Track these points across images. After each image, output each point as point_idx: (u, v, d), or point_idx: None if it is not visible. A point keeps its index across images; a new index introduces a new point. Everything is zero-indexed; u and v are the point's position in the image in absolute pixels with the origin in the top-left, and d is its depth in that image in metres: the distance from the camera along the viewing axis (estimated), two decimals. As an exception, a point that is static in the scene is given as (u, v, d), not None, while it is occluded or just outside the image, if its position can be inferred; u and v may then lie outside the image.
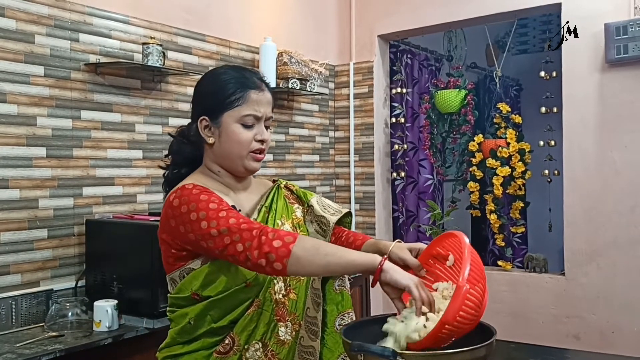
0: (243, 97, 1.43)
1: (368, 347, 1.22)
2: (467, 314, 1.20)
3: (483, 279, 1.27)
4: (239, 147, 1.44)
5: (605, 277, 3.15)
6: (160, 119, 2.90)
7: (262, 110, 1.45)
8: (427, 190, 4.27)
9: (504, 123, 3.55)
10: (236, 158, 1.45)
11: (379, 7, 3.94)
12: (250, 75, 1.48)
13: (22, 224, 2.36)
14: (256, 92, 1.45)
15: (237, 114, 1.43)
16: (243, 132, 1.44)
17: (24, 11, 2.38)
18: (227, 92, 1.44)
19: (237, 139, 1.44)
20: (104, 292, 2.38)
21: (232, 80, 1.45)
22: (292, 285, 1.49)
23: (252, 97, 1.44)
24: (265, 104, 1.47)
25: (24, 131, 2.37)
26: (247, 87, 1.44)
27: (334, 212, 1.57)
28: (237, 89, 1.44)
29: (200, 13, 3.13)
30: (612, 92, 3.13)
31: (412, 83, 4.23)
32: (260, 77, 1.50)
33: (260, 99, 1.45)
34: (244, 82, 1.45)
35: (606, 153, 3.15)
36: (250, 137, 1.44)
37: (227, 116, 1.43)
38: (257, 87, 1.46)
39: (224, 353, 1.39)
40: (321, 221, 1.57)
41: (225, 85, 1.45)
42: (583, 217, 3.22)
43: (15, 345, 2.07)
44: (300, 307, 1.49)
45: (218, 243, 1.29)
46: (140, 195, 2.81)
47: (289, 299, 1.48)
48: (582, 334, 3.21)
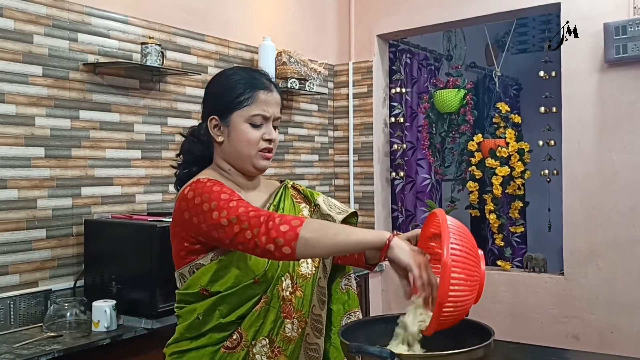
0: (252, 97, 1.46)
1: (366, 349, 1.21)
2: (461, 287, 1.19)
3: (474, 247, 1.24)
4: (247, 146, 1.47)
5: (604, 277, 3.15)
6: (159, 119, 2.89)
7: (270, 110, 1.49)
8: (424, 190, 4.27)
9: (503, 123, 3.55)
10: (245, 157, 1.48)
11: (378, 7, 3.93)
12: (259, 76, 1.52)
13: (20, 224, 2.36)
14: (265, 93, 1.48)
15: (245, 114, 1.46)
16: (251, 132, 1.47)
17: (22, 11, 2.37)
18: (237, 92, 1.47)
19: (245, 138, 1.47)
20: (102, 292, 2.37)
21: (242, 81, 1.48)
22: (299, 283, 1.51)
23: (260, 97, 1.47)
24: (274, 105, 1.50)
25: (23, 131, 2.37)
26: (256, 88, 1.48)
27: (339, 212, 1.59)
28: (247, 90, 1.47)
29: (199, 13, 3.13)
30: (611, 92, 3.13)
31: (412, 83, 4.23)
32: (269, 78, 1.54)
33: (268, 100, 1.49)
34: (253, 82, 1.48)
35: (605, 153, 3.15)
36: (259, 136, 1.47)
37: (236, 116, 1.47)
38: (266, 88, 1.49)
39: (231, 348, 1.42)
40: (327, 220, 1.59)
41: (234, 86, 1.48)
42: (582, 217, 3.21)
43: (13, 346, 2.07)
44: (307, 304, 1.51)
45: (228, 232, 1.31)
46: (139, 195, 2.81)
47: (296, 296, 1.49)
48: (581, 335, 3.20)
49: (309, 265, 1.53)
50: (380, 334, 1.44)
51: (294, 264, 1.49)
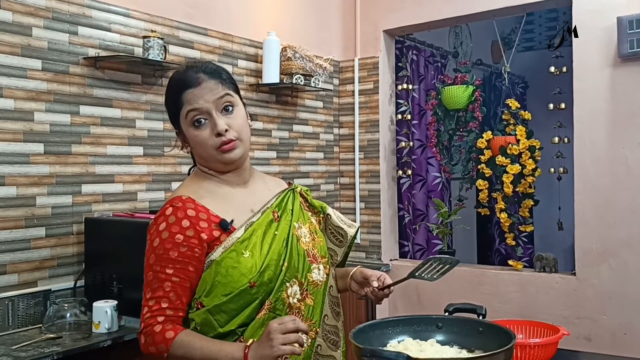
0: (181, 100, 1.43)
1: (381, 353, 1.16)
2: None
3: None
4: (202, 149, 1.44)
5: (617, 277, 3.08)
6: (161, 115, 2.83)
7: (201, 101, 1.41)
8: (435, 189, 4.21)
9: (513, 120, 3.48)
10: (208, 158, 1.45)
11: (384, 2, 3.87)
12: (186, 73, 1.45)
13: (19, 222, 2.30)
14: (191, 89, 1.43)
15: (184, 118, 1.43)
16: (198, 133, 1.42)
17: (21, 3, 2.31)
18: (171, 102, 1.46)
19: (196, 141, 1.44)
20: (103, 292, 2.33)
21: (171, 89, 1.47)
22: (309, 290, 1.45)
23: (187, 96, 1.42)
24: (206, 94, 1.42)
25: (21, 126, 2.31)
26: (182, 88, 1.43)
27: (350, 225, 1.62)
28: (175, 95, 1.44)
29: (203, 6, 3.07)
30: (624, 88, 3.06)
31: (419, 79, 4.16)
32: (199, 68, 1.45)
33: (196, 94, 1.42)
34: (178, 84, 1.44)
35: (618, 150, 3.08)
36: (207, 134, 1.42)
37: (182, 123, 1.45)
38: (192, 84, 1.43)
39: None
40: (338, 232, 1.60)
41: (168, 96, 1.48)
42: (594, 215, 3.15)
43: (11, 348, 2.02)
44: (317, 314, 1.46)
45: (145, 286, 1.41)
46: (141, 193, 2.75)
47: (305, 304, 1.43)
48: (593, 336, 3.14)
49: (320, 271, 1.48)
50: (390, 335, 1.42)
51: (304, 269, 1.44)
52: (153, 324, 1.35)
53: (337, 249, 1.60)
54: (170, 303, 1.36)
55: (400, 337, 1.44)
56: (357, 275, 1.57)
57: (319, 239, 1.54)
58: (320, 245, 1.53)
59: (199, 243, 1.36)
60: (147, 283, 1.39)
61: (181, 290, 1.36)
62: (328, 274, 1.51)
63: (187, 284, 1.37)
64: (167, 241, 1.36)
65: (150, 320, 1.36)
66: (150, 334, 1.35)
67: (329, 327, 1.47)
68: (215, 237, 1.38)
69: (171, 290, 1.35)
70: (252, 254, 1.36)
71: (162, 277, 1.36)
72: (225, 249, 1.36)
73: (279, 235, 1.43)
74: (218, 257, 1.36)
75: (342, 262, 1.64)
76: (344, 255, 1.62)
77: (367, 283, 1.53)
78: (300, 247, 1.45)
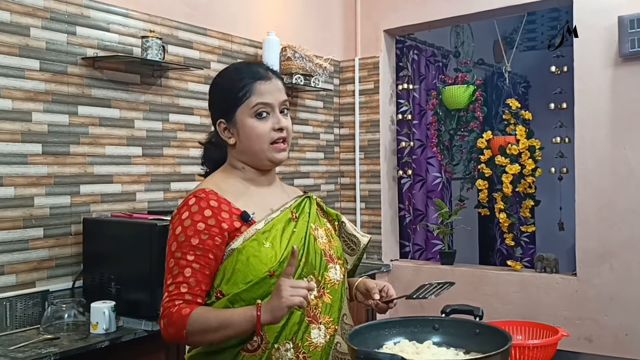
0: (250, 89, 1.44)
1: (375, 355, 1.15)
2: None
3: None
4: (258, 141, 1.45)
5: (618, 277, 3.07)
6: (160, 115, 2.82)
7: (271, 97, 1.46)
8: (435, 189, 4.19)
9: (514, 119, 3.47)
10: (259, 152, 1.46)
11: (385, 2, 3.85)
12: (255, 67, 1.50)
13: (16, 222, 2.29)
14: (262, 82, 1.46)
15: (247, 108, 1.44)
16: (259, 125, 1.45)
17: (19, 3, 2.31)
18: (235, 89, 1.45)
19: (254, 132, 1.45)
20: (101, 293, 2.32)
21: (238, 76, 1.47)
22: (327, 288, 1.47)
23: (258, 87, 1.45)
24: (275, 91, 1.48)
25: (19, 127, 2.30)
26: (252, 79, 1.46)
27: (363, 235, 1.65)
28: (243, 83, 1.45)
29: (202, 6, 3.06)
30: (626, 87, 3.04)
31: (419, 79, 4.15)
32: (267, 67, 1.52)
33: (267, 88, 1.46)
34: (249, 74, 1.47)
35: (620, 150, 3.07)
36: (268, 128, 1.45)
37: (240, 112, 1.45)
38: (263, 77, 1.47)
39: (251, 351, 1.38)
40: (352, 240, 1.62)
41: (231, 83, 1.47)
42: (596, 216, 3.13)
43: (8, 349, 2.01)
44: (336, 312, 1.47)
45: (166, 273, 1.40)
46: (140, 194, 2.74)
47: (323, 301, 1.45)
48: (594, 337, 3.12)
49: (337, 271, 1.50)
50: (386, 337, 1.40)
51: (321, 266, 1.46)
52: (170, 307, 1.35)
53: (348, 257, 1.63)
54: (190, 288, 1.36)
55: (397, 339, 1.42)
56: (361, 286, 1.58)
57: (335, 242, 1.57)
58: (336, 247, 1.55)
59: (220, 232, 1.38)
60: (168, 270, 1.39)
61: (201, 277, 1.37)
62: (344, 275, 1.54)
63: (207, 271, 1.37)
64: (189, 229, 1.37)
65: (169, 304, 1.36)
66: (168, 315, 1.34)
67: (348, 326, 1.49)
68: (236, 227, 1.39)
69: (191, 276, 1.36)
70: (272, 245, 1.39)
71: (183, 263, 1.36)
72: (246, 239, 1.39)
73: (297, 233, 1.45)
74: (239, 245, 1.38)
75: (351, 273, 1.65)
76: (353, 266, 1.64)
77: (370, 295, 1.54)
78: (317, 246, 1.47)
